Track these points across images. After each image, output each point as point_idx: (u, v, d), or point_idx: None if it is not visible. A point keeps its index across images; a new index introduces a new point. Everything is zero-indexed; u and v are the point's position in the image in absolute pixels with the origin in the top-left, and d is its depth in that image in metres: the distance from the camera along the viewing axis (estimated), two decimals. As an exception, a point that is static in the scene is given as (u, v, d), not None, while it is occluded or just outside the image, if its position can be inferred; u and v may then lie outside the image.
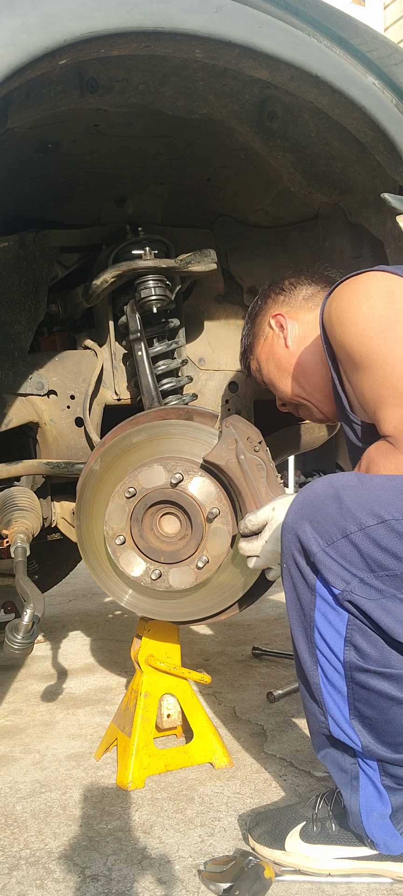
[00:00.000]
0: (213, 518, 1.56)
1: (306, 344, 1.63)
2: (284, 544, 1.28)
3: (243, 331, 1.81)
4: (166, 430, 1.61)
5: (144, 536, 1.59)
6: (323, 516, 1.22)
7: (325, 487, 1.25)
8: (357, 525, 1.19)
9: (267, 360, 1.70)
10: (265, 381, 1.75)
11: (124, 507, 1.58)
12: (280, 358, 1.67)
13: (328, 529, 1.21)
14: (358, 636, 1.21)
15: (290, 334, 1.65)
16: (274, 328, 1.68)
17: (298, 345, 1.64)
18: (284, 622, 3.21)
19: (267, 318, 1.70)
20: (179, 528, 1.61)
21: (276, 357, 1.68)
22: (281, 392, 1.70)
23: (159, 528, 1.61)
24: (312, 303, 1.66)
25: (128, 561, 1.60)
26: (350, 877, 1.30)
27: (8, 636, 1.47)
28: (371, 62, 1.58)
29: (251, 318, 1.77)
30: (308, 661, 1.27)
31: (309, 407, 1.66)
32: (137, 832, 1.48)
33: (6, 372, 1.85)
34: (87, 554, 1.67)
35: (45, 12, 1.21)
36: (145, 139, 1.71)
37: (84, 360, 1.93)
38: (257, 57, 1.40)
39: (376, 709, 1.23)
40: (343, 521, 1.20)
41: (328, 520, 1.21)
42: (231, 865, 1.30)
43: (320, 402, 1.63)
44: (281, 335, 1.67)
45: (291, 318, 1.66)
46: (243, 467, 1.54)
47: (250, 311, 1.78)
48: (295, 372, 1.65)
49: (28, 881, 1.33)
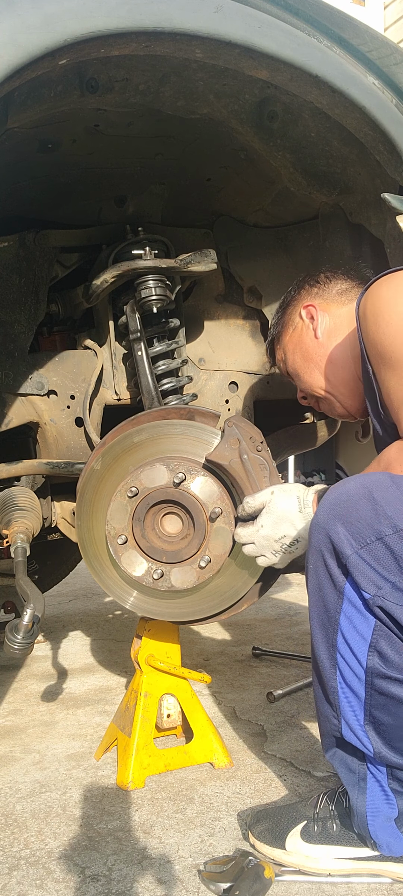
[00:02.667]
0: (216, 518, 1.56)
1: (336, 337, 1.61)
2: (313, 543, 1.25)
3: (272, 320, 1.80)
4: (168, 429, 1.60)
5: (146, 536, 1.59)
6: (356, 517, 1.19)
7: (358, 487, 1.22)
8: (392, 527, 1.16)
9: (294, 350, 1.69)
10: (289, 371, 1.73)
11: (126, 507, 1.57)
12: (308, 348, 1.65)
13: (361, 531, 1.18)
14: (384, 643, 1.19)
15: (321, 325, 1.63)
16: (305, 319, 1.66)
17: (328, 337, 1.62)
18: (284, 622, 3.21)
19: (299, 309, 1.68)
20: (181, 528, 1.61)
21: (304, 347, 1.66)
22: (306, 384, 1.68)
23: (161, 527, 1.61)
24: (346, 297, 1.64)
25: (129, 560, 1.60)
26: (350, 877, 1.30)
27: (8, 636, 1.47)
28: (371, 62, 1.58)
29: (282, 307, 1.75)
30: (326, 664, 1.25)
31: (332, 401, 1.64)
32: (137, 832, 1.48)
33: (6, 372, 1.85)
34: (88, 553, 1.67)
35: (45, 12, 1.21)
36: (145, 139, 1.71)
37: (84, 360, 1.93)
38: (257, 57, 1.40)
39: (392, 715, 1.21)
40: (377, 522, 1.17)
41: (361, 521, 1.18)
42: (231, 865, 1.30)
43: (344, 397, 1.61)
44: (310, 326, 1.65)
45: (323, 310, 1.64)
46: (246, 467, 1.54)
47: (282, 301, 1.77)
48: (322, 364, 1.63)
49: (28, 881, 1.33)
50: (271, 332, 1.80)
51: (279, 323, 1.75)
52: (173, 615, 1.70)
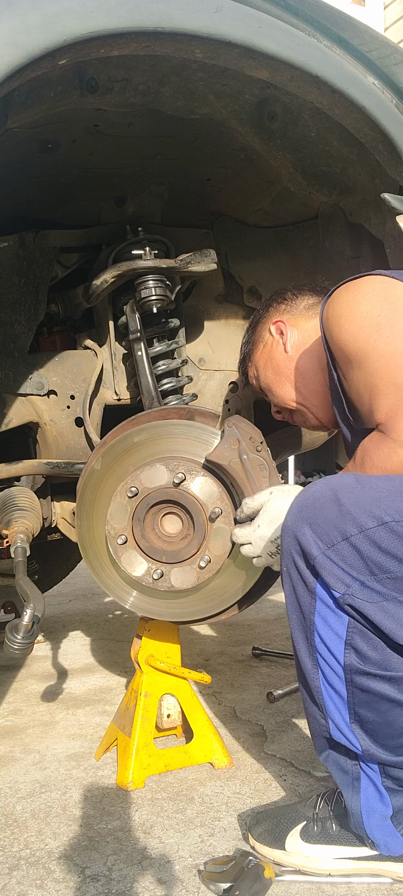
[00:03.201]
0: (216, 518, 1.56)
1: (305, 350, 1.65)
2: (284, 547, 1.27)
3: (243, 339, 1.84)
4: (168, 429, 1.60)
5: (146, 536, 1.59)
6: (322, 519, 1.22)
7: (324, 490, 1.24)
8: (357, 527, 1.19)
9: (265, 366, 1.73)
10: (262, 387, 1.76)
11: (126, 507, 1.57)
12: (278, 363, 1.69)
13: (328, 532, 1.21)
14: (359, 639, 1.21)
15: (290, 340, 1.67)
16: (274, 334, 1.71)
17: (297, 350, 1.66)
18: (284, 622, 3.21)
19: (268, 325, 1.73)
20: (181, 528, 1.61)
21: (275, 362, 1.70)
22: (278, 398, 1.71)
23: (161, 527, 1.61)
24: (312, 311, 1.69)
25: (129, 560, 1.60)
26: (350, 877, 1.30)
27: (8, 636, 1.47)
28: (371, 62, 1.58)
29: (252, 326, 1.80)
30: (308, 665, 1.27)
31: (305, 413, 1.68)
32: (137, 832, 1.48)
33: (6, 372, 1.85)
34: (88, 553, 1.67)
35: (45, 12, 1.21)
36: (145, 139, 1.71)
37: (84, 360, 1.93)
38: (257, 57, 1.40)
39: (376, 712, 1.23)
40: (342, 523, 1.20)
41: (327, 523, 1.21)
42: (231, 865, 1.30)
43: (316, 408, 1.65)
44: (280, 341, 1.69)
45: (291, 324, 1.69)
46: (246, 467, 1.54)
47: (251, 321, 1.81)
48: (292, 377, 1.67)
49: (28, 881, 1.33)
50: (242, 351, 1.84)
51: (249, 341, 1.80)
52: (173, 615, 1.70)
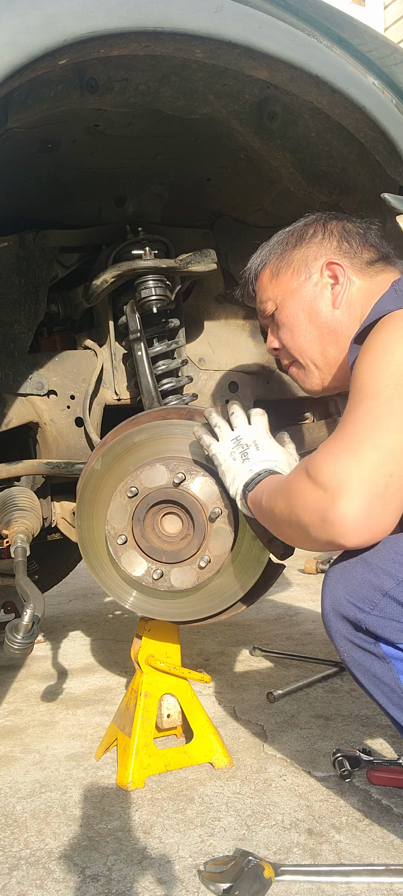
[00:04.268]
0: (216, 518, 1.56)
1: (351, 312, 1.44)
2: (333, 637, 1.22)
3: (266, 247, 1.56)
4: (168, 429, 1.60)
5: (146, 536, 1.59)
6: (355, 583, 1.17)
7: (347, 558, 1.20)
8: (393, 580, 1.14)
9: (297, 304, 1.48)
10: (278, 319, 1.52)
11: (126, 507, 1.57)
12: (318, 313, 1.45)
13: (366, 594, 1.16)
14: None
15: (343, 294, 1.44)
16: (326, 277, 1.46)
17: (345, 310, 1.44)
18: (284, 622, 3.21)
19: (321, 260, 1.47)
20: (181, 528, 1.61)
21: (314, 309, 1.46)
22: (296, 346, 1.49)
23: (161, 527, 1.61)
24: (371, 270, 1.46)
25: (129, 560, 1.60)
26: (350, 876, 1.30)
27: (8, 636, 1.47)
28: (371, 62, 1.58)
29: (291, 238, 1.52)
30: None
31: (315, 376, 1.50)
32: (137, 832, 1.48)
33: (6, 372, 1.85)
34: (88, 553, 1.67)
35: (45, 12, 1.21)
36: (145, 139, 1.71)
37: (84, 360, 1.93)
38: (257, 57, 1.40)
39: None
40: (377, 579, 1.15)
41: (362, 585, 1.16)
42: (231, 865, 1.30)
43: (331, 377, 1.49)
44: (330, 290, 1.45)
45: (349, 276, 1.45)
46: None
47: (292, 230, 1.54)
48: (326, 337, 1.46)
49: (28, 881, 1.33)
50: (263, 260, 1.56)
51: (283, 257, 1.51)
52: (173, 615, 1.70)
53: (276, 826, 1.47)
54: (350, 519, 1.11)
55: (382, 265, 1.47)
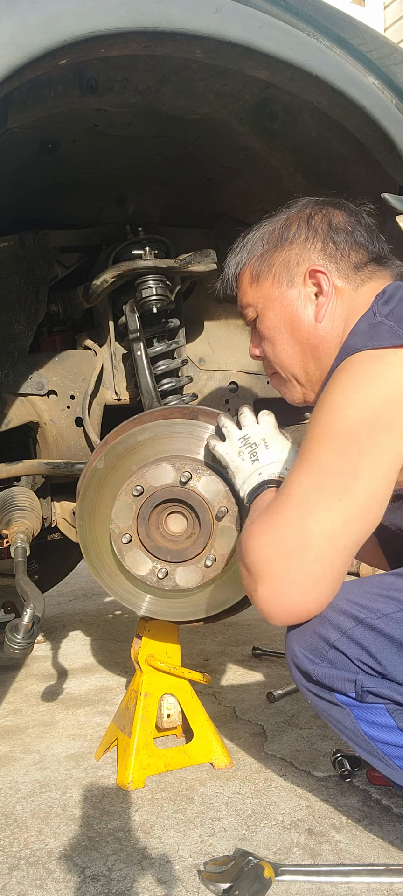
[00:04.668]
0: (222, 517, 1.56)
1: (334, 324, 1.33)
2: (295, 680, 1.25)
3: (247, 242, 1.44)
4: (172, 429, 1.60)
5: (151, 535, 1.59)
6: (307, 634, 1.19)
7: None
8: (338, 631, 1.16)
9: (278, 313, 1.37)
10: (260, 329, 1.42)
11: (131, 506, 1.57)
12: (300, 327, 1.35)
13: (315, 645, 1.18)
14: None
15: (327, 307, 1.33)
16: (309, 284, 1.34)
17: (328, 323, 1.34)
18: (284, 622, 3.21)
19: (303, 265, 1.34)
20: (186, 527, 1.61)
21: (296, 323, 1.36)
22: (278, 359, 1.41)
23: (166, 526, 1.61)
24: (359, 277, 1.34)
25: (134, 560, 1.59)
26: (350, 876, 1.30)
27: (8, 636, 1.47)
28: (371, 62, 1.58)
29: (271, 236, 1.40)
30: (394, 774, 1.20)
31: (297, 391, 1.43)
32: (137, 832, 1.48)
33: (6, 372, 1.85)
34: (89, 553, 1.67)
35: (45, 12, 1.21)
36: (145, 139, 1.71)
37: (84, 360, 1.93)
38: (257, 57, 1.40)
39: None
40: (324, 631, 1.17)
41: (313, 635, 1.18)
42: (231, 865, 1.30)
43: (313, 392, 1.40)
44: (313, 301, 1.34)
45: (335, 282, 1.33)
46: None
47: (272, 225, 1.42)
48: (308, 352, 1.36)
49: (28, 881, 1.33)
50: (242, 260, 1.44)
51: (263, 258, 1.39)
52: (175, 615, 1.70)
53: (276, 826, 1.47)
54: (267, 605, 1.17)
55: (371, 270, 1.36)
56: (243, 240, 1.47)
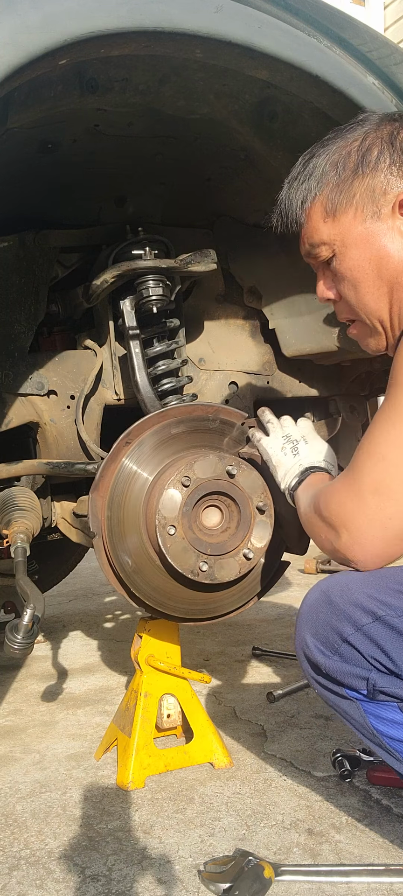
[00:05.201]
0: (261, 511, 1.58)
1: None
2: (304, 674, 1.25)
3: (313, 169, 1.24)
4: (204, 424, 1.65)
5: (192, 527, 1.58)
6: (320, 625, 1.19)
7: (316, 593, 1.23)
8: (352, 626, 1.15)
9: (363, 253, 1.21)
10: (335, 269, 1.26)
11: (178, 497, 1.56)
12: (389, 263, 1.19)
13: (327, 636, 1.17)
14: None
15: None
16: (399, 217, 1.18)
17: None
18: (284, 622, 3.21)
19: (391, 193, 1.18)
20: (223, 520, 1.61)
21: (385, 260, 1.19)
22: (361, 303, 1.25)
23: (204, 519, 1.61)
24: None
25: (176, 552, 1.57)
26: (350, 876, 1.30)
27: (8, 636, 1.47)
28: (371, 62, 1.58)
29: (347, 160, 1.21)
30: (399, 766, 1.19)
31: (381, 337, 1.27)
32: (137, 832, 1.48)
33: (6, 372, 1.85)
34: (116, 548, 1.63)
35: (45, 12, 1.21)
36: (145, 139, 1.71)
37: (84, 360, 1.93)
38: (257, 57, 1.40)
39: None
40: (338, 623, 1.16)
41: (326, 627, 1.18)
42: (231, 865, 1.30)
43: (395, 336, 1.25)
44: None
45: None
46: None
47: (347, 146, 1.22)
48: (397, 290, 1.21)
49: (28, 881, 1.33)
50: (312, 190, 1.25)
51: (341, 187, 1.21)
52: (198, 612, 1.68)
53: (276, 826, 1.47)
54: (354, 553, 1.18)
55: None
56: (305, 166, 1.27)
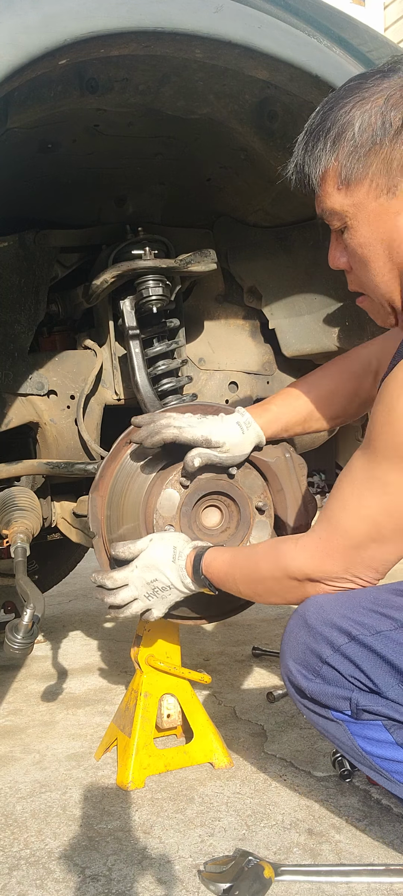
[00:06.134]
0: (261, 510, 1.57)
1: None
2: (291, 695, 1.26)
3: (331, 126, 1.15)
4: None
5: (192, 527, 1.58)
6: (299, 649, 1.20)
7: (294, 618, 1.23)
8: (330, 647, 1.16)
9: (375, 231, 1.14)
10: (346, 241, 1.20)
11: (176, 497, 1.56)
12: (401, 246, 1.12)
13: (308, 661, 1.18)
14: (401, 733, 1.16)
15: None
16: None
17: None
18: (284, 622, 3.21)
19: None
20: (222, 520, 1.61)
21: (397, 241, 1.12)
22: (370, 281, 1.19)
23: (204, 519, 1.61)
24: None
25: None
26: (349, 876, 1.30)
27: (8, 636, 1.47)
28: (371, 62, 1.58)
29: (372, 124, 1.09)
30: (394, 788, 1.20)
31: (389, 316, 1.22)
32: (137, 832, 1.48)
33: (6, 372, 1.85)
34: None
35: (45, 12, 1.21)
36: (145, 139, 1.71)
37: (84, 360, 1.93)
38: (257, 57, 1.40)
39: None
40: (317, 646, 1.17)
41: (305, 650, 1.19)
42: (231, 865, 1.30)
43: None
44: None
45: None
46: (289, 465, 1.55)
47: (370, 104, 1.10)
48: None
49: (28, 881, 1.33)
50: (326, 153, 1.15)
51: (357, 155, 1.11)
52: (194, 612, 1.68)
53: (276, 826, 1.47)
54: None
55: None
56: (323, 119, 1.17)
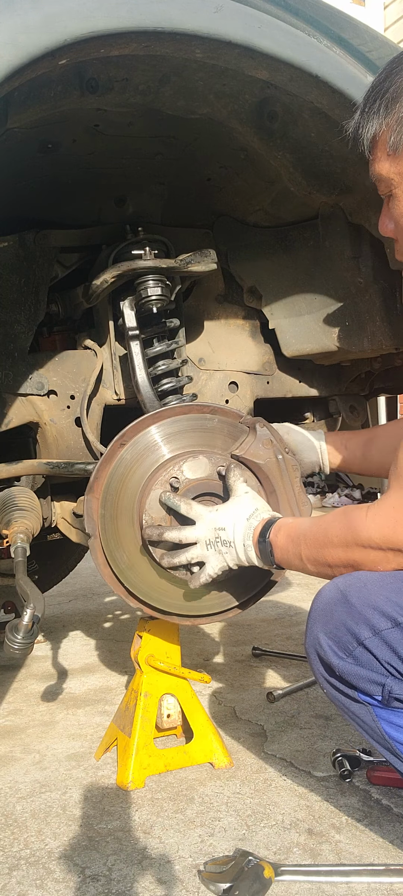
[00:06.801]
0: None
1: None
2: (314, 673, 1.23)
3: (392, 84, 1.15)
4: (201, 423, 1.61)
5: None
6: (334, 625, 1.16)
7: (332, 590, 1.19)
8: (370, 629, 1.13)
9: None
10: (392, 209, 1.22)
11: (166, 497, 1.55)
12: None
13: (342, 638, 1.15)
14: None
15: None
16: None
17: None
18: (284, 622, 3.21)
19: None
20: None
21: None
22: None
23: None
24: None
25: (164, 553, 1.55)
26: (350, 876, 1.30)
27: (8, 636, 1.47)
28: (371, 62, 1.58)
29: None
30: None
31: None
32: (137, 832, 1.48)
33: (6, 372, 1.84)
34: (110, 544, 1.62)
35: (45, 12, 1.21)
36: (145, 139, 1.71)
37: (84, 360, 1.93)
38: (257, 57, 1.40)
39: None
40: (355, 626, 1.14)
41: (340, 627, 1.15)
42: (231, 865, 1.30)
43: None
44: None
45: None
46: (281, 467, 1.54)
47: None
48: None
49: (28, 881, 1.33)
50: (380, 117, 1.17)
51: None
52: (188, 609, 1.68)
53: (276, 826, 1.47)
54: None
55: None
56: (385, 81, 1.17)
